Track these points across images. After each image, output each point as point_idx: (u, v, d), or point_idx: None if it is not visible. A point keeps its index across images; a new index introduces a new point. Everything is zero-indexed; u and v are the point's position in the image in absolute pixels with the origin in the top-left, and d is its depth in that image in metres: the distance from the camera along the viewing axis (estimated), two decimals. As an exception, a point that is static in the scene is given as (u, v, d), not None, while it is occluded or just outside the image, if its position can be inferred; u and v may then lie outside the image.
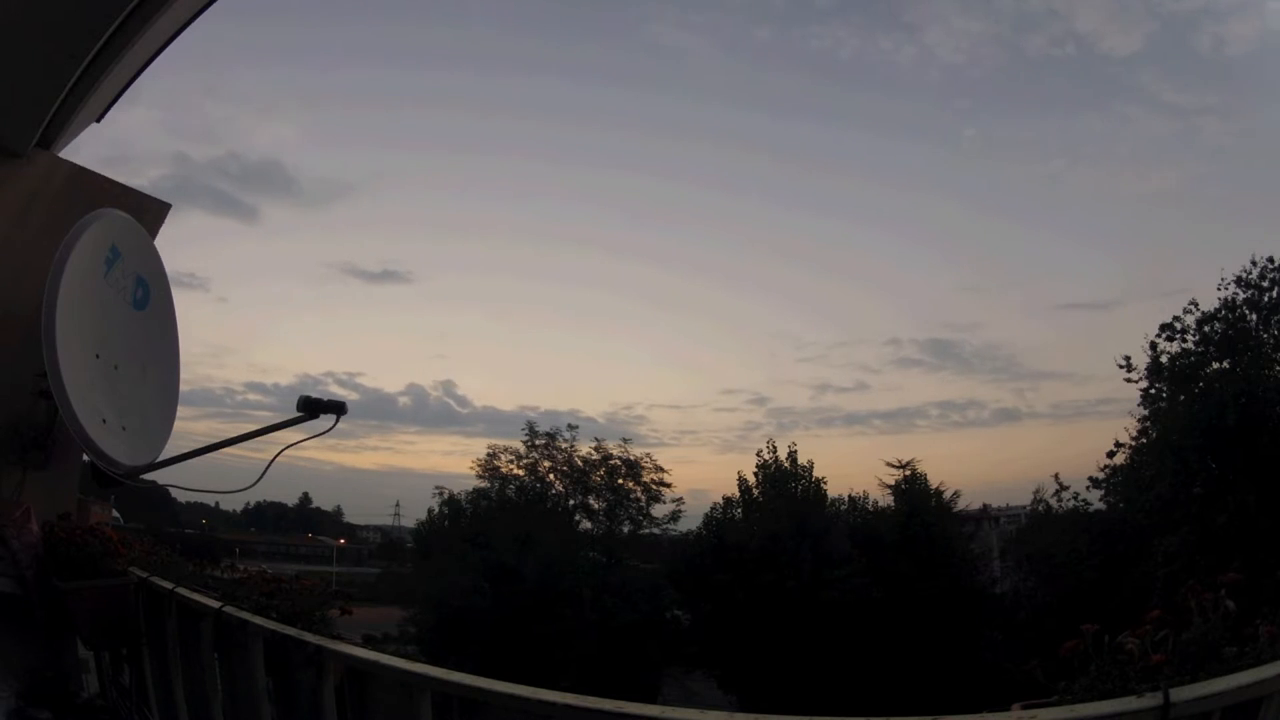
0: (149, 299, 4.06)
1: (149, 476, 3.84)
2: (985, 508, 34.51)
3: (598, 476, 28.70)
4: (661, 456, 30.46)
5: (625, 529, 28.84)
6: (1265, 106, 54.05)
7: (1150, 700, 1.61)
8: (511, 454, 29.47)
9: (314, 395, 3.44)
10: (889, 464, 27.08)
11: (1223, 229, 57.70)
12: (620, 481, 28.65)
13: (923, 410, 71.54)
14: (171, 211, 4.76)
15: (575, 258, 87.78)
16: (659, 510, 28.83)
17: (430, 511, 31.16)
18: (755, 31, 70.76)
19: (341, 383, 69.21)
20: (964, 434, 57.16)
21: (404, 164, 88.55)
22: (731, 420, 79.70)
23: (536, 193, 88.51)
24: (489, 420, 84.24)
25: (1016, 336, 71.09)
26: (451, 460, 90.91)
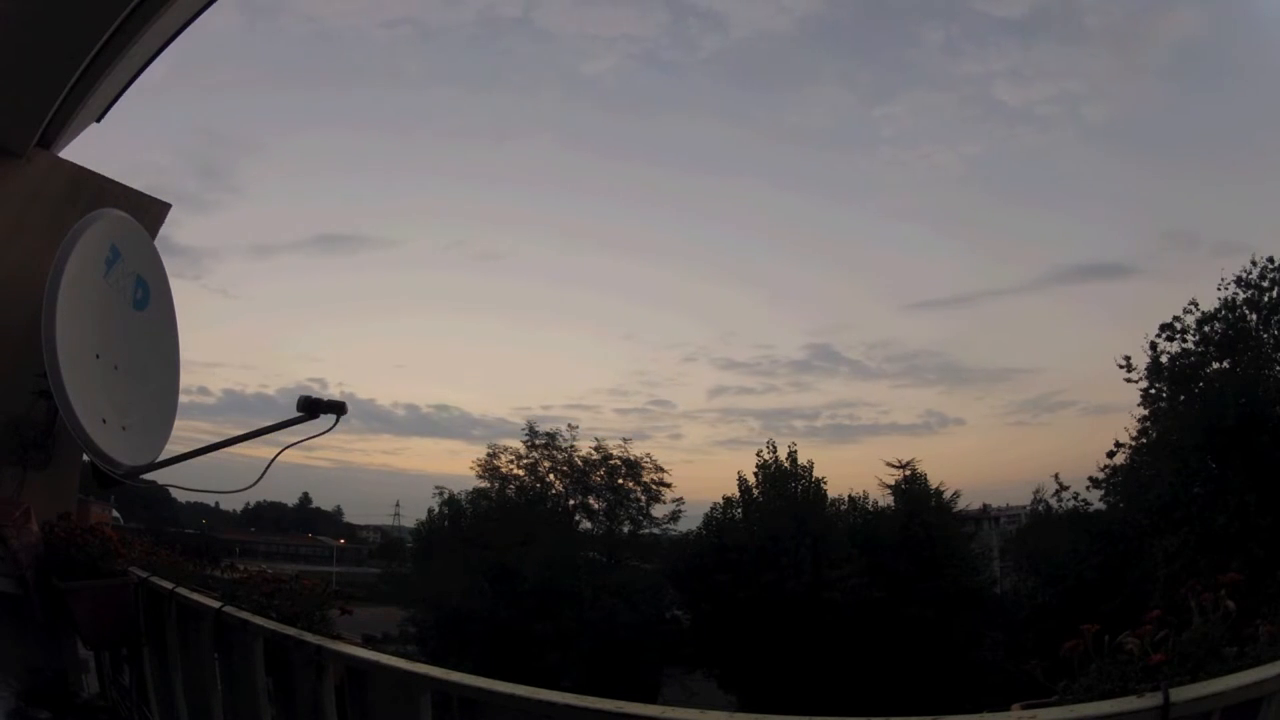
0: (149, 299, 4.07)
1: (149, 476, 3.84)
2: (985, 508, 34.59)
3: (598, 476, 28.70)
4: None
5: (625, 529, 28.84)
6: (1074, 70, 53.38)
7: (1150, 700, 1.61)
8: (511, 454, 29.51)
9: (314, 395, 3.45)
10: (889, 464, 27.13)
11: (1060, 200, 57.38)
12: (620, 481, 28.66)
13: (839, 410, 70.22)
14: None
15: (458, 260, 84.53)
16: (659, 510, 28.88)
17: (430, 511, 31.15)
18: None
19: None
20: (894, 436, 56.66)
21: (271, 157, 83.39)
22: (644, 423, 77.68)
23: (422, 188, 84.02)
24: (416, 421, 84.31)
25: (902, 334, 70.54)
26: (401, 459, 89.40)
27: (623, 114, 67.68)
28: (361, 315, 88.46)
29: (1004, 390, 64.64)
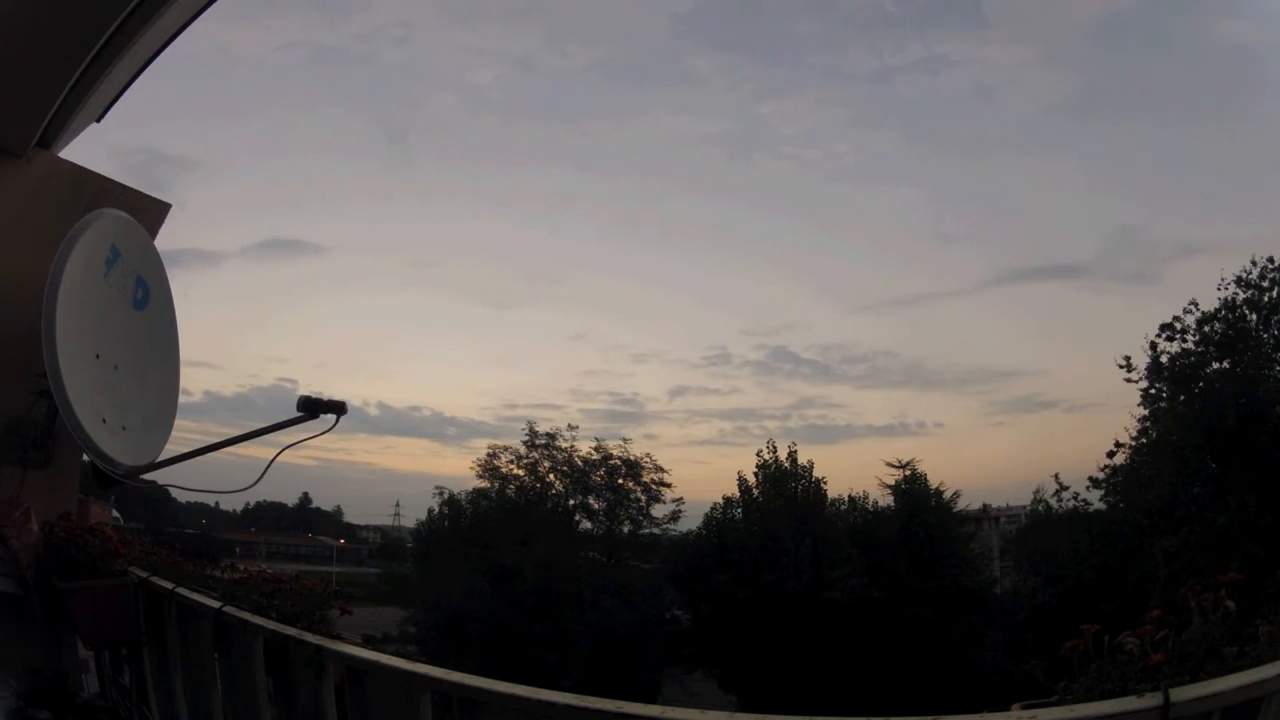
0: (149, 299, 4.07)
1: (149, 476, 3.84)
2: (985, 508, 34.59)
3: (598, 476, 28.69)
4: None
5: (625, 529, 28.83)
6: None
7: (1150, 700, 1.61)
8: (511, 454, 29.51)
9: (313, 395, 3.45)
10: (889, 464, 27.14)
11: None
12: (620, 481, 28.65)
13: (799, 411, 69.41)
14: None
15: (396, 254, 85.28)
16: (659, 510, 28.88)
17: (430, 512, 31.14)
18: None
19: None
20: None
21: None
22: (613, 423, 75.18)
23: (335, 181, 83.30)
24: (391, 420, 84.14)
25: (854, 336, 69.46)
26: (382, 458, 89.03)
27: (533, 119, 67.82)
28: (318, 317, 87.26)
29: (974, 391, 63.49)
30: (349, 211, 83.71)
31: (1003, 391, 69.20)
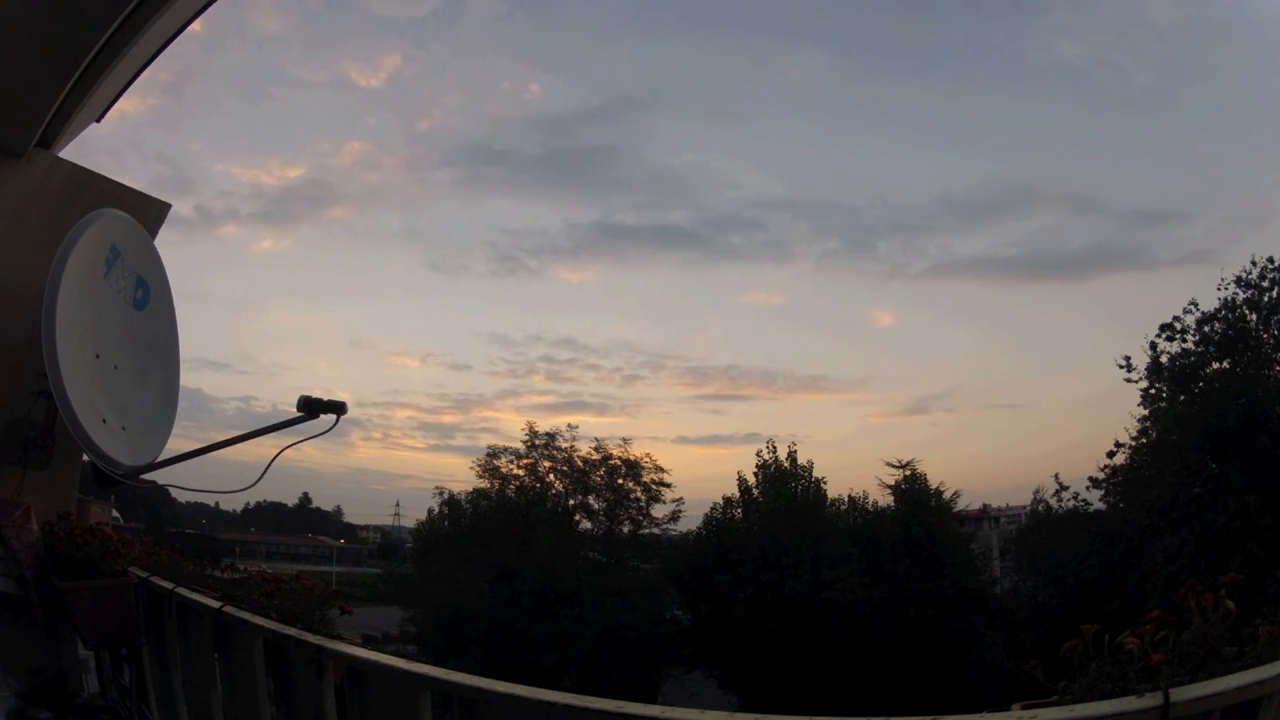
0: (149, 299, 4.07)
1: (149, 476, 3.84)
2: (985, 508, 34.59)
3: (598, 476, 28.68)
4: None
5: (625, 529, 28.82)
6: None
7: (1150, 700, 1.61)
8: (511, 454, 29.51)
9: (313, 396, 3.45)
10: (889, 464, 27.11)
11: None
12: (620, 481, 28.63)
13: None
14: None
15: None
16: (658, 510, 28.86)
17: (430, 512, 31.18)
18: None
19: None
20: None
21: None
22: (458, 419, 75.27)
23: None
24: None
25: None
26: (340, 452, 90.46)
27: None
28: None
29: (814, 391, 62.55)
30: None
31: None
